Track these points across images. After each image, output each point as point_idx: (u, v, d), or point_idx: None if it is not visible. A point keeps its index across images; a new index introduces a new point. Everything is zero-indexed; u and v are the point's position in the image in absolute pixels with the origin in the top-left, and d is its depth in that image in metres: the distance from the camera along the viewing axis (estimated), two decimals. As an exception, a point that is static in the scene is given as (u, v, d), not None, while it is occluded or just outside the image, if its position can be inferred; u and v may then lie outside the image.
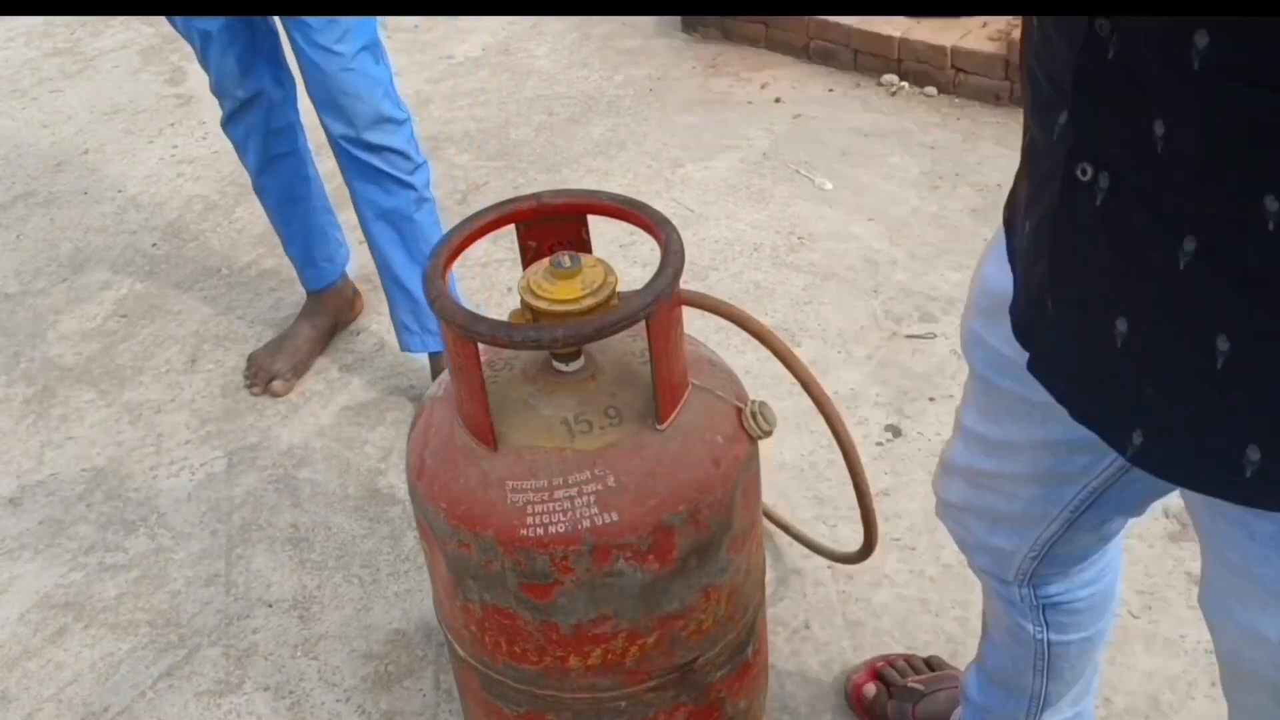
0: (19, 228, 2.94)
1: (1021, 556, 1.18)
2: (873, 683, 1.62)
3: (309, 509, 2.06)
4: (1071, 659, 1.31)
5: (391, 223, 2.08)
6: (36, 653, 1.85)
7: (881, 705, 1.60)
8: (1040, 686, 1.33)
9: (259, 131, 2.14)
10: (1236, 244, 0.72)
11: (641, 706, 1.31)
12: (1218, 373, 0.76)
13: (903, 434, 2.08)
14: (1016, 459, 1.09)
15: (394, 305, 2.19)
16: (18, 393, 2.39)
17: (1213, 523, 0.88)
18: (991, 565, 1.24)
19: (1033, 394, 0.95)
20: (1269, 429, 0.77)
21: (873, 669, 1.65)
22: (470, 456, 1.20)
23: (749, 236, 2.62)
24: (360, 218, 2.11)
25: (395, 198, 2.05)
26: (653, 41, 3.55)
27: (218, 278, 2.69)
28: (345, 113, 1.96)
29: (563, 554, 1.16)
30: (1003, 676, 1.36)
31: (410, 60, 3.60)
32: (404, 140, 2.01)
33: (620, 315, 1.11)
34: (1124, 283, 0.81)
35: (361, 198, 2.07)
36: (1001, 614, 1.30)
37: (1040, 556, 1.17)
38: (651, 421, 1.19)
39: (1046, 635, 1.27)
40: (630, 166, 2.94)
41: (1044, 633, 1.27)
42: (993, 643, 1.37)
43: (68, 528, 2.07)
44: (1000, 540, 1.19)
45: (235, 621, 1.86)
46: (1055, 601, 1.25)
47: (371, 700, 1.72)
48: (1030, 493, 1.11)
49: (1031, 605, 1.25)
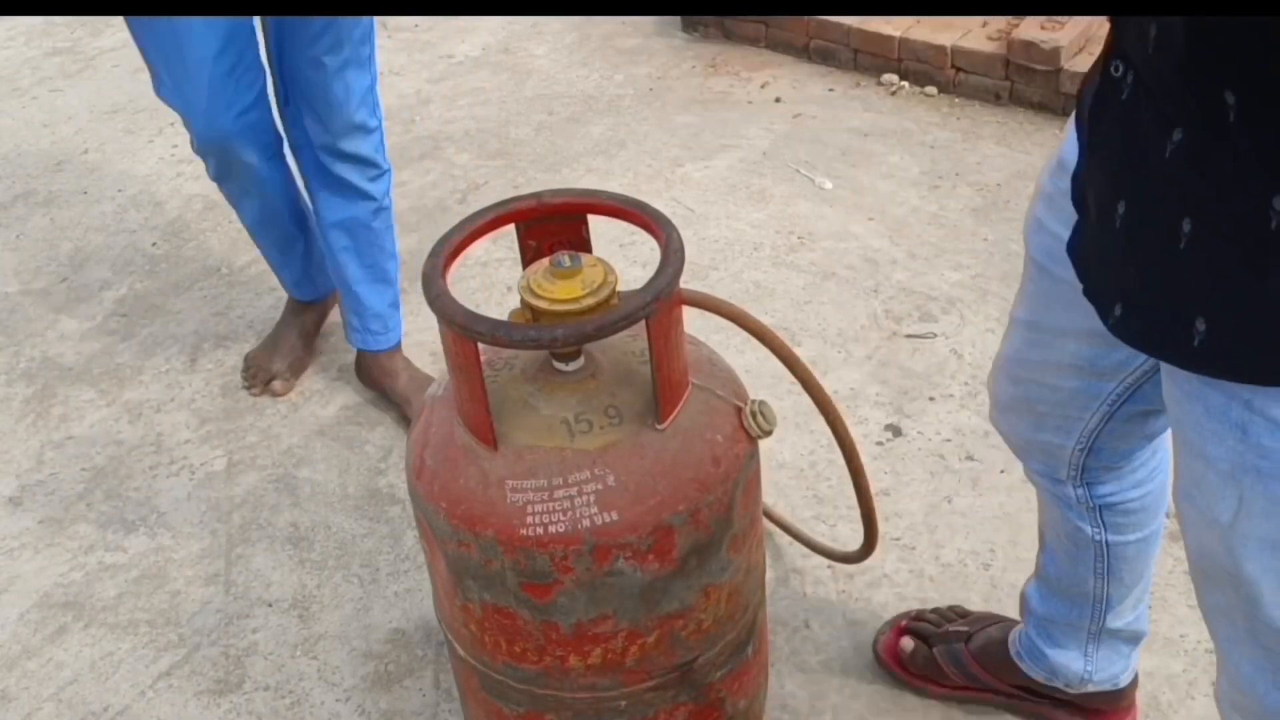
0: (19, 227, 2.94)
1: (1070, 450, 1.25)
2: (908, 637, 1.64)
3: (309, 508, 2.06)
4: (1129, 560, 1.36)
5: (347, 230, 2.09)
6: (36, 652, 1.85)
7: (923, 656, 1.62)
8: (1101, 590, 1.39)
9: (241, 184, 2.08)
10: (1203, 136, 0.83)
11: (641, 706, 1.31)
12: (1180, 252, 0.87)
13: (903, 433, 2.08)
14: (1061, 348, 1.16)
15: (341, 300, 2.23)
16: (17, 392, 2.39)
17: (1177, 404, 0.96)
18: (1043, 465, 1.30)
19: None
20: (1216, 303, 0.86)
21: (899, 627, 1.67)
22: (470, 456, 1.20)
23: (749, 236, 2.62)
24: (318, 223, 2.13)
25: (355, 207, 2.06)
26: (652, 41, 3.55)
27: (217, 277, 2.69)
28: (323, 120, 1.95)
29: (563, 553, 1.16)
30: (1064, 585, 1.42)
31: (410, 60, 3.60)
32: (373, 147, 2.02)
33: (620, 315, 1.11)
34: (1128, 169, 0.91)
35: (322, 204, 2.08)
36: (1059, 520, 1.36)
37: (1087, 449, 1.24)
38: (651, 421, 1.19)
39: (1105, 536, 1.34)
40: (630, 166, 2.94)
41: (1102, 534, 1.33)
42: (1050, 553, 1.42)
43: (67, 527, 2.06)
44: (1047, 435, 1.26)
45: (235, 621, 1.86)
46: (1109, 502, 1.31)
47: (371, 700, 1.72)
48: (1072, 385, 1.18)
49: (1088, 506, 1.31)
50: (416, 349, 2.39)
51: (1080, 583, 1.39)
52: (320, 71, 1.89)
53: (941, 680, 1.61)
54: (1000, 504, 1.92)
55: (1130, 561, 1.37)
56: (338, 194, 2.05)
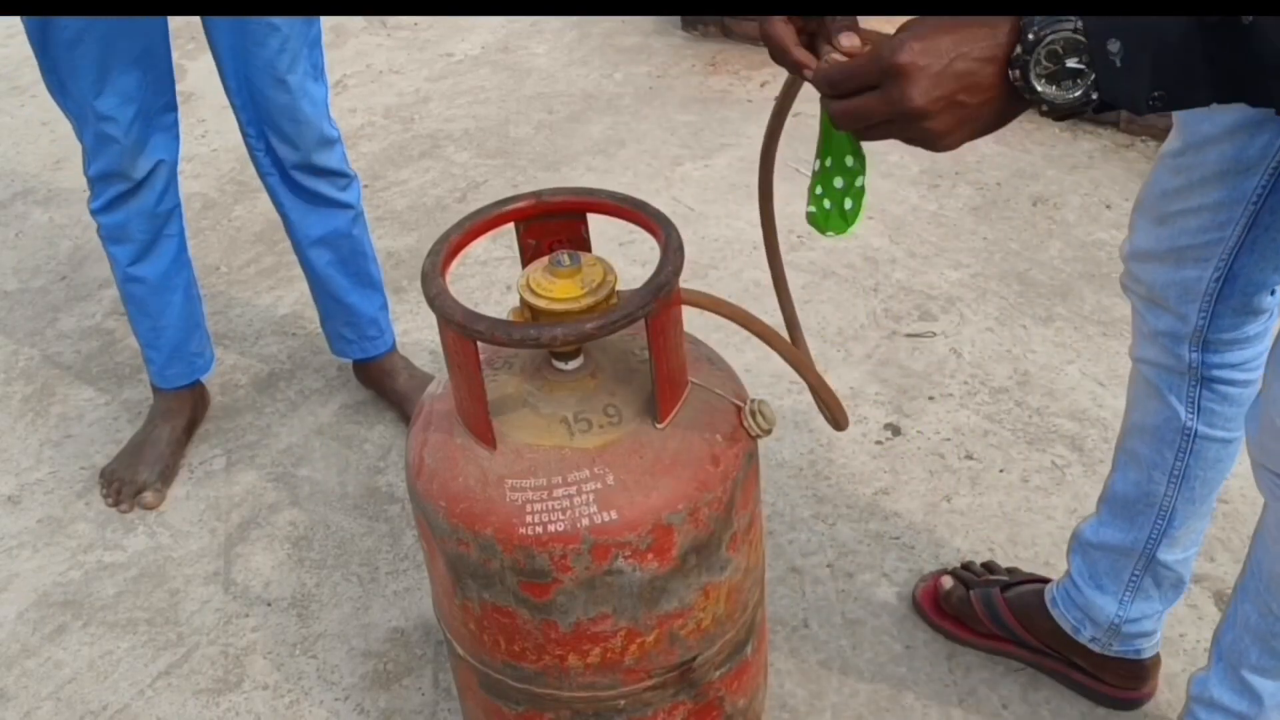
0: (18, 225, 2.94)
1: (1206, 283, 1.28)
2: (949, 577, 1.70)
3: (308, 507, 2.06)
4: (1207, 465, 1.40)
5: (329, 244, 2.05)
6: (35, 651, 1.85)
7: (959, 597, 1.67)
8: (1170, 500, 1.43)
9: (146, 213, 1.96)
10: None
11: (640, 705, 1.31)
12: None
13: (902, 432, 2.08)
14: (1205, 157, 1.20)
15: (327, 318, 2.18)
16: (16, 390, 2.39)
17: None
18: (1173, 321, 1.33)
19: None
20: None
21: (942, 571, 1.73)
22: (469, 455, 1.20)
23: (748, 235, 2.62)
24: (296, 244, 2.07)
25: (334, 219, 2.03)
26: (652, 40, 3.55)
27: (217, 275, 2.69)
28: (293, 140, 1.90)
29: (562, 552, 1.16)
30: (1130, 500, 1.46)
31: (410, 58, 3.60)
32: (340, 158, 1.99)
33: (620, 314, 1.11)
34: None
35: (299, 225, 2.03)
36: (1154, 411, 1.40)
37: (1224, 276, 1.26)
38: (651, 420, 1.19)
39: (1196, 424, 1.37)
40: (630, 165, 2.94)
41: (1195, 421, 1.37)
42: (1124, 467, 1.46)
43: (66, 526, 2.06)
44: (1187, 270, 1.28)
45: (234, 620, 1.86)
46: (1215, 375, 1.34)
47: (370, 699, 1.72)
48: (1216, 195, 1.21)
49: (1194, 378, 1.35)
50: (415, 348, 2.39)
51: (1150, 493, 1.44)
52: (285, 91, 1.84)
53: (971, 625, 1.66)
54: (999, 503, 1.92)
55: (1207, 467, 1.41)
56: (315, 210, 2.01)
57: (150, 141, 1.87)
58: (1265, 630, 1.30)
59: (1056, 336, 2.27)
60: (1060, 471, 1.97)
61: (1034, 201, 2.66)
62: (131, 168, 1.87)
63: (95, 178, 1.90)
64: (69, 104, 1.82)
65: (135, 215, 1.94)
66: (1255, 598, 1.31)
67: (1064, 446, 2.02)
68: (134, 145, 1.85)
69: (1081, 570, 1.55)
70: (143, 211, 1.94)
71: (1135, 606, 1.52)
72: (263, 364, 2.40)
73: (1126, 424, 1.48)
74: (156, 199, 1.94)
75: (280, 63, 1.82)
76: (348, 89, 3.46)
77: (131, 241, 1.97)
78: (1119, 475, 1.49)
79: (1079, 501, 1.91)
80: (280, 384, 2.34)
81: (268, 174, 1.97)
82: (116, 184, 1.90)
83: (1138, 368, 1.42)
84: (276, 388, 2.33)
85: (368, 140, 3.18)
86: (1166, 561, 1.48)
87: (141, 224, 1.96)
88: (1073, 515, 1.89)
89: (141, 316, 2.08)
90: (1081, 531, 1.55)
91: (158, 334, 2.09)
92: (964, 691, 1.65)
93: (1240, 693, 1.37)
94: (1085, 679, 1.61)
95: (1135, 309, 1.39)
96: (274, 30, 1.79)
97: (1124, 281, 1.39)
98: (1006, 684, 1.65)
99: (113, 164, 1.86)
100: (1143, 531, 1.47)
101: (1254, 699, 1.36)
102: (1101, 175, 2.74)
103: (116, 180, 1.89)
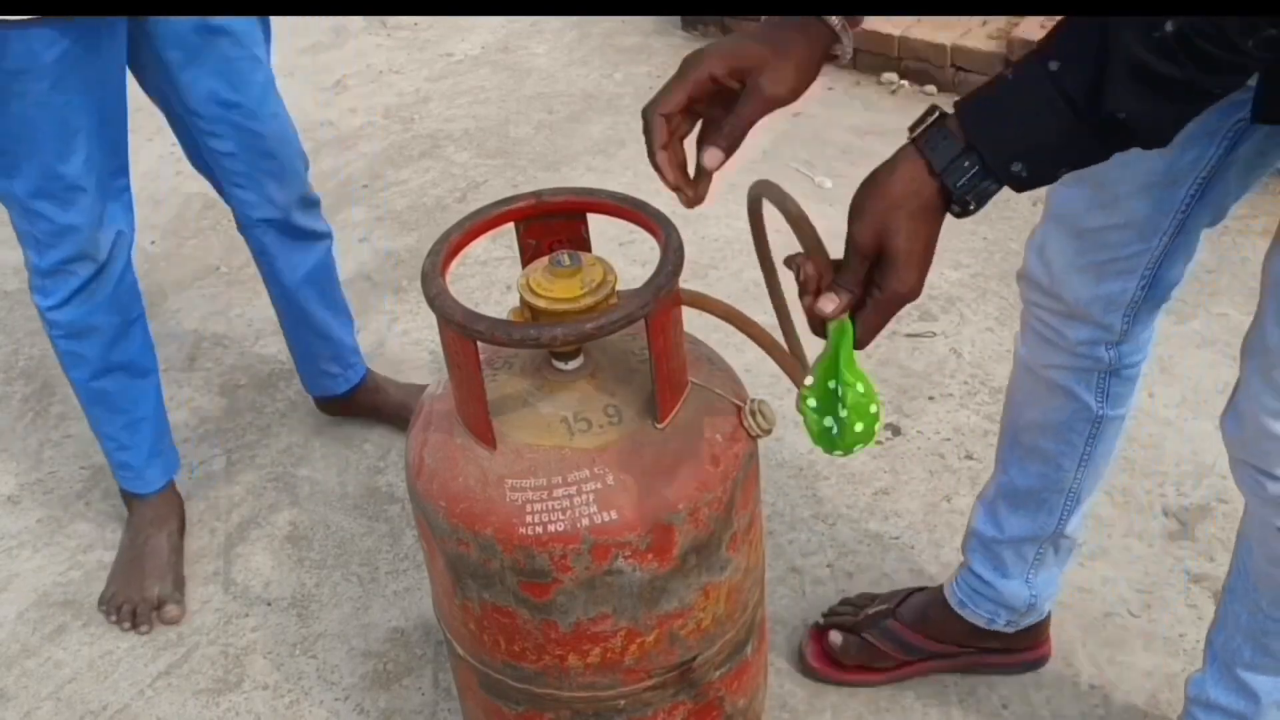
0: (18, 225, 2.94)
1: (1131, 293, 1.29)
2: (834, 632, 1.66)
3: (308, 507, 2.06)
4: (1108, 441, 1.44)
5: (313, 281, 1.97)
6: (35, 651, 1.84)
7: (855, 645, 1.65)
8: (1079, 480, 1.47)
9: (108, 298, 1.76)
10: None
11: (640, 705, 1.31)
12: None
13: (902, 432, 2.08)
14: (1130, 175, 1.21)
15: (311, 358, 2.09)
16: (16, 390, 2.39)
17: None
18: (1093, 331, 1.33)
19: None
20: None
21: (816, 628, 1.69)
22: (469, 455, 1.20)
23: (748, 235, 2.61)
24: (281, 289, 1.97)
25: (316, 251, 1.95)
26: (652, 39, 3.55)
27: (216, 276, 2.69)
28: (284, 177, 1.81)
29: (561, 552, 1.16)
30: (1037, 487, 1.48)
31: (410, 58, 3.60)
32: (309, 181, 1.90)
33: (620, 314, 1.11)
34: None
35: (285, 269, 1.93)
36: (1060, 409, 1.41)
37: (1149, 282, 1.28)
38: (651, 420, 1.19)
39: (1104, 410, 1.40)
40: (630, 164, 2.94)
41: (1103, 407, 1.40)
42: (1023, 464, 1.48)
43: (66, 525, 2.06)
44: (1111, 284, 1.29)
45: (234, 620, 1.86)
46: (1125, 364, 1.37)
47: (370, 699, 1.72)
48: (1144, 211, 1.22)
49: (1107, 372, 1.37)
50: (415, 348, 2.40)
51: (1058, 480, 1.47)
52: (276, 121, 1.77)
53: (880, 664, 1.65)
54: (999, 503, 1.93)
55: (1108, 441, 1.45)
56: (300, 248, 1.92)
57: (108, 211, 1.69)
58: (1256, 628, 1.31)
59: (1056, 336, 2.27)
60: (1060, 471, 1.97)
61: (1034, 201, 2.66)
62: (94, 246, 1.69)
63: (50, 270, 1.69)
64: (18, 186, 1.62)
65: (101, 305, 1.75)
66: (1243, 597, 1.31)
67: (1064, 446, 2.02)
68: (97, 219, 1.67)
69: (985, 565, 1.57)
70: (106, 299, 1.75)
71: (1039, 579, 1.56)
72: (263, 364, 2.40)
73: (1019, 422, 1.48)
74: (118, 278, 1.75)
75: (269, 94, 1.76)
76: (348, 89, 3.46)
77: (98, 335, 1.78)
78: (1017, 471, 1.50)
79: (1079, 501, 1.91)
80: (280, 384, 2.34)
81: (259, 221, 1.86)
82: (79, 272, 1.70)
83: (1040, 373, 1.41)
84: (276, 388, 2.33)
85: (367, 140, 3.18)
86: (1068, 532, 1.52)
87: (108, 312, 1.77)
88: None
89: (112, 416, 1.88)
90: (980, 531, 1.57)
91: (133, 431, 1.89)
92: (964, 691, 1.65)
93: (1237, 692, 1.37)
94: (1000, 659, 1.64)
95: (1042, 322, 1.37)
96: (258, 63, 1.72)
97: (1033, 299, 1.37)
98: (1006, 684, 1.65)
99: (77, 247, 1.67)
100: (1052, 516, 1.50)
101: (1250, 697, 1.36)
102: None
103: (79, 266, 1.70)
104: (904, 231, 0.94)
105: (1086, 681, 1.65)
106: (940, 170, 0.92)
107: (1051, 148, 0.89)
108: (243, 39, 1.69)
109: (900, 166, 0.95)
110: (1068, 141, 0.89)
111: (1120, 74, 0.84)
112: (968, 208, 0.93)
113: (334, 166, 3.04)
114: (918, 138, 0.94)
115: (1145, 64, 0.83)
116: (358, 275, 2.59)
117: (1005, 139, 0.90)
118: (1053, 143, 0.89)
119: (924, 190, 0.93)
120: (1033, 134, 0.89)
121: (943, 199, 0.94)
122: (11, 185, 1.63)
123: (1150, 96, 0.84)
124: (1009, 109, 0.90)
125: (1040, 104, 0.88)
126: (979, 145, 0.90)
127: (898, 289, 0.96)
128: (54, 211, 1.64)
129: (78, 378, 1.84)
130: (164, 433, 1.96)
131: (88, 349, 1.79)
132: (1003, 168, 0.90)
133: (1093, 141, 0.88)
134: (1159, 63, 0.83)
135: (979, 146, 0.90)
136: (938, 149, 0.92)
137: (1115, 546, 1.84)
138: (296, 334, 2.06)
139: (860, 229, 0.96)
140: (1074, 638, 1.70)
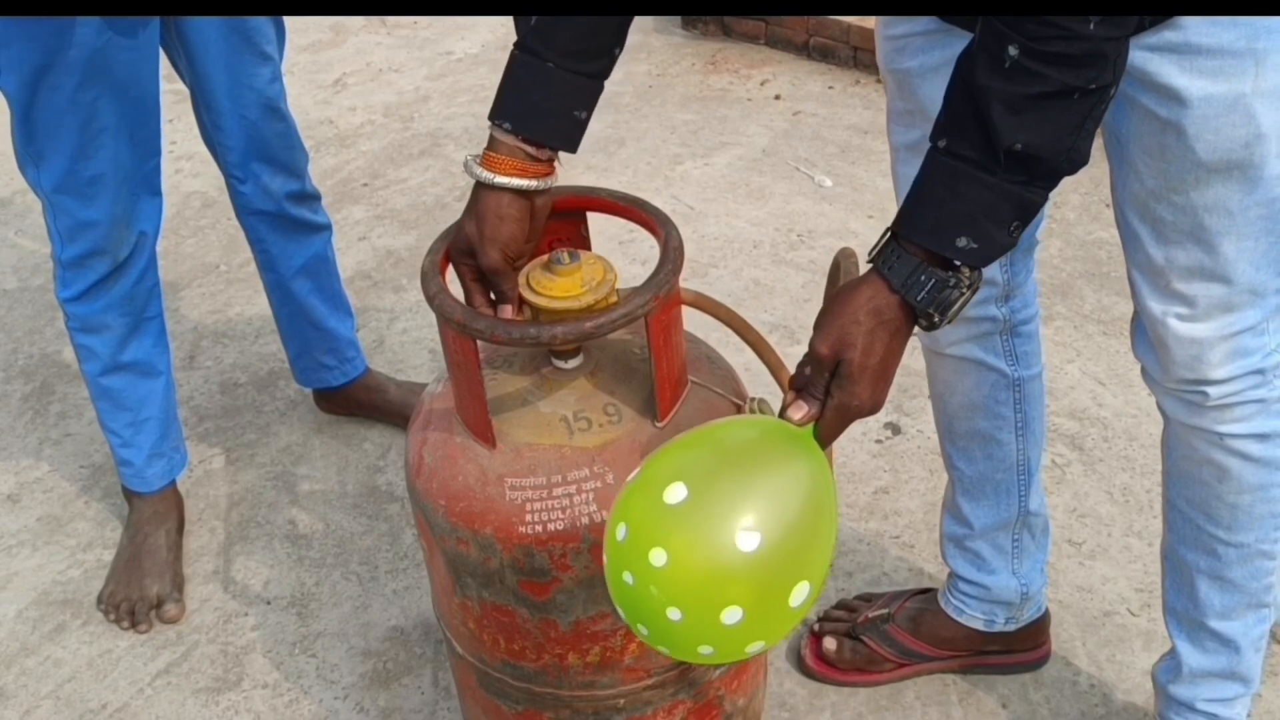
0: (17, 223, 2.94)
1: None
2: (828, 637, 1.66)
3: (307, 506, 2.06)
4: (1034, 402, 1.47)
5: (310, 272, 1.98)
6: (34, 650, 1.84)
7: (851, 649, 1.64)
8: (1023, 452, 1.49)
9: (125, 297, 1.78)
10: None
11: (640, 704, 1.31)
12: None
13: (901, 431, 2.08)
14: None
15: (306, 350, 2.09)
16: (16, 389, 2.39)
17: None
18: (981, 294, 1.33)
19: None
20: None
21: (812, 632, 1.68)
22: (469, 454, 1.19)
23: (748, 234, 2.62)
24: (276, 279, 1.98)
25: (314, 243, 1.97)
26: (652, 38, 3.55)
27: (216, 274, 2.69)
28: (288, 167, 1.84)
29: (561, 551, 1.16)
30: (988, 472, 1.50)
31: (410, 57, 3.60)
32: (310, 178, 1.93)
33: (619, 313, 1.11)
34: None
35: (281, 259, 1.95)
36: (979, 383, 1.44)
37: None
38: (651, 419, 1.19)
39: (1018, 371, 1.43)
40: (629, 163, 2.94)
41: (1016, 369, 1.43)
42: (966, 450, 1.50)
43: (66, 524, 2.06)
44: None
45: (233, 619, 1.86)
46: (1018, 319, 1.41)
47: (370, 698, 1.72)
48: None
49: (1006, 330, 1.41)
50: (415, 347, 2.40)
51: (1004, 458, 1.48)
52: (280, 119, 1.80)
53: (877, 668, 1.64)
54: (999, 502, 1.92)
55: (1034, 403, 1.47)
56: (298, 238, 1.94)
57: (136, 210, 1.73)
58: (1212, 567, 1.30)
59: (1056, 335, 2.27)
60: (1060, 470, 1.97)
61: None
62: (116, 244, 1.71)
63: (70, 262, 1.72)
64: (44, 178, 1.66)
65: (115, 302, 1.77)
66: (1191, 541, 1.31)
67: (1064, 445, 2.02)
68: (119, 217, 1.70)
69: (967, 566, 1.57)
70: (122, 296, 1.77)
71: (1024, 568, 1.56)
72: (263, 363, 2.40)
73: (949, 412, 1.50)
74: (137, 278, 1.78)
75: (273, 92, 1.78)
76: (347, 87, 3.46)
77: (109, 331, 1.80)
78: (964, 462, 1.52)
79: (1079, 500, 1.91)
80: (280, 383, 2.34)
81: (255, 212, 1.88)
82: (97, 267, 1.73)
83: (947, 355, 1.45)
84: (276, 387, 2.33)
85: (367, 139, 3.18)
86: (1033, 509, 1.54)
87: (121, 311, 1.79)
88: (1072, 514, 1.89)
89: (118, 412, 1.88)
90: (950, 533, 1.58)
91: (138, 430, 1.90)
92: (963, 691, 1.65)
93: (1216, 651, 1.37)
94: (1001, 659, 1.64)
95: None
96: (266, 60, 1.75)
97: None
98: (1006, 684, 1.65)
99: (95, 243, 1.70)
100: (1011, 496, 1.52)
101: (1230, 647, 1.36)
102: (1101, 174, 2.71)
103: (97, 262, 1.72)
104: (860, 346, 0.98)
105: (1086, 681, 1.65)
106: (900, 287, 0.96)
107: (983, 210, 0.93)
108: (254, 35, 1.73)
109: (863, 286, 0.99)
110: (993, 198, 0.92)
111: (997, 113, 0.88)
112: (934, 320, 0.97)
113: (334, 165, 3.05)
114: (875, 258, 0.98)
115: (1011, 93, 0.88)
116: (357, 274, 2.58)
117: (940, 223, 0.94)
118: (982, 205, 0.93)
119: (886, 308, 0.98)
120: (959, 205, 0.93)
121: (907, 315, 0.98)
122: (39, 176, 1.67)
123: (1033, 119, 0.88)
124: (929, 198, 0.94)
125: (952, 179, 0.92)
126: (919, 239, 0.94)
127: (848, 401, 1.00)
128: (74, 206, 1.67)
129: (89, 370, 1.86)
130: (170, 434, 1.95)
131: (99, 344, 1.81)
132: (949, 247, 0.94)
133: (1014, 187, 0.92)
134: (1023, 85, 0.87)
135: (919, 240, 0.95)
136: (894, 267, 0.97)
137: (1115, 546, 1.84)
138: (291, 324, 2.06)
139: (818, 340, 1.00)
140: (1073, 637, 1.70)
